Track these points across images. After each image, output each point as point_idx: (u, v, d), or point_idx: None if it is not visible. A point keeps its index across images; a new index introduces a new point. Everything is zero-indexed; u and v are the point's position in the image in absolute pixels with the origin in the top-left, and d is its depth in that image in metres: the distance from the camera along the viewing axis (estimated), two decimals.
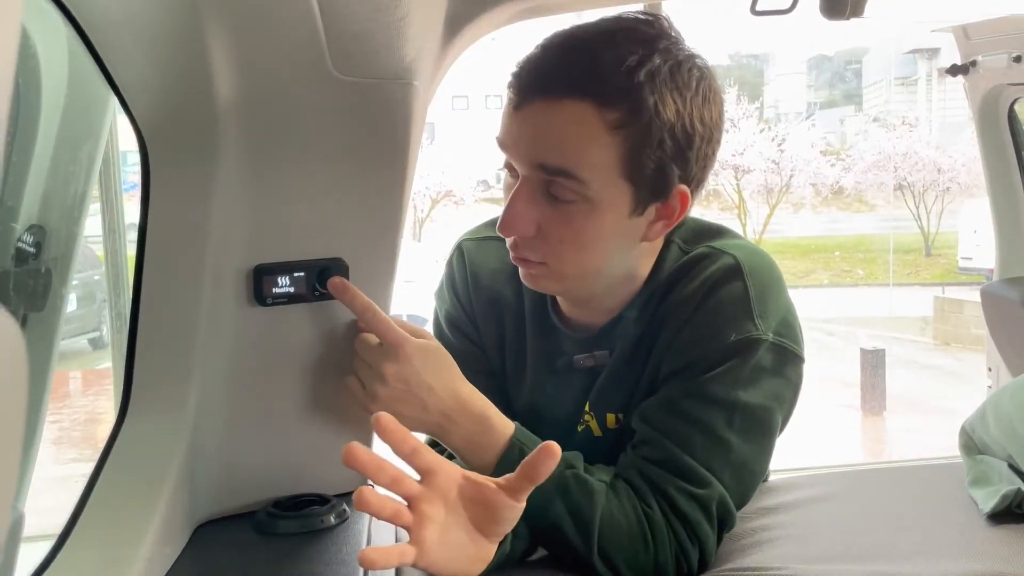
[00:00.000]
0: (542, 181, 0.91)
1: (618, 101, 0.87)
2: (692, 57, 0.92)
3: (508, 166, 0.95)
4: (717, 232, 1.04)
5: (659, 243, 1.02)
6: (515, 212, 0.92)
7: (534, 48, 0.92)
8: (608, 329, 1.03)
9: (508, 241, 0.97)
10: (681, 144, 0.91)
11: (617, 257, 0.97)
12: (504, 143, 0.93)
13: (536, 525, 0.92)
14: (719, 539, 0.97)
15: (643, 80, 0.87)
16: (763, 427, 0.97)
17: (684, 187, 0.94)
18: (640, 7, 0.97)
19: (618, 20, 0.92)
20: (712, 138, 0.94)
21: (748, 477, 0.98)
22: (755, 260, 0.99)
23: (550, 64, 0.90)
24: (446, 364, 0.95)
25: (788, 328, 0.97)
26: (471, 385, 0.96)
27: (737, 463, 0.95)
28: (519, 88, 0.91)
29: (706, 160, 0.95)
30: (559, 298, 1.07)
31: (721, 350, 0.95)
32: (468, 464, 0.96)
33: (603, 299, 1.03)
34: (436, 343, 0.95)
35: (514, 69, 0.92)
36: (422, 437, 0.97)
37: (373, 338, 0.93)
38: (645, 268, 1.02)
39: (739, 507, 0.98)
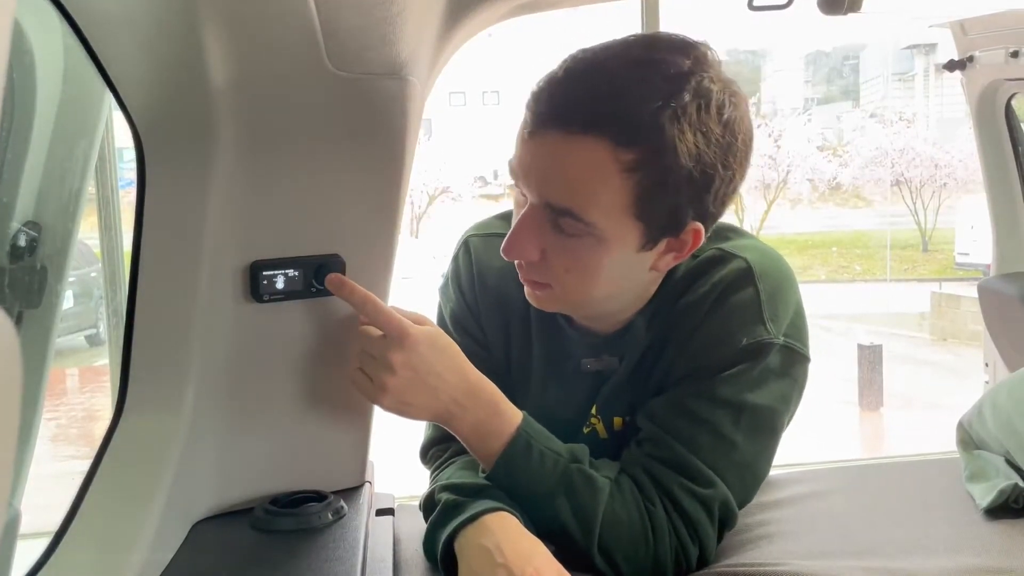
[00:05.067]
0: (550, 214, 0.89)
1: (637, 142, 0.83)
2: (725, 91, 0.86)
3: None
4: (727, 232, 1.03)
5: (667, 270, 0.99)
6: (520, 238, 0.91)
7: (556, 69, 0.87)
8: (618, 335, 1.03)
9: (515, 262, 0.96)
10: (699, 187, 0.87)
11: (623, 285, 0.96)
12: (515, 172, 0.91)
13: (539, 519, 0.92)
14: (719, 538, 0.97)
15: (666, 121, 0.83)
16: (768, 428, 0.97)
17: (698, 224, 0.91)
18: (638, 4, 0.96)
19: (652, 47, 0.87)
20: (733, 179, 0.90)
21: (751, 478, 0.98)
22: (766, 262, 0.98)
23: (571, 94, 0.85)
24: (452, 350, 0.94)
25: (796, 329, 0.97)
26: (479, 372, 0.95)
27: (742, 464, 0.95)
28: (535, 114, 0.87)
29: (724, 199, 0.91)
30: None
31: (732, 354, 0.94)
32: (473, 451, 0.96)
33: (611, 315, 1.02)
34: (439, 330, 0.95)
35: (533, 88, 0.88)
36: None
37: (375, 330, 0.92)
38: (654, 287, 1.00)
39: (741, 507, 0.98)
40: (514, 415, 0.94)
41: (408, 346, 0.90)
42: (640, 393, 1.01)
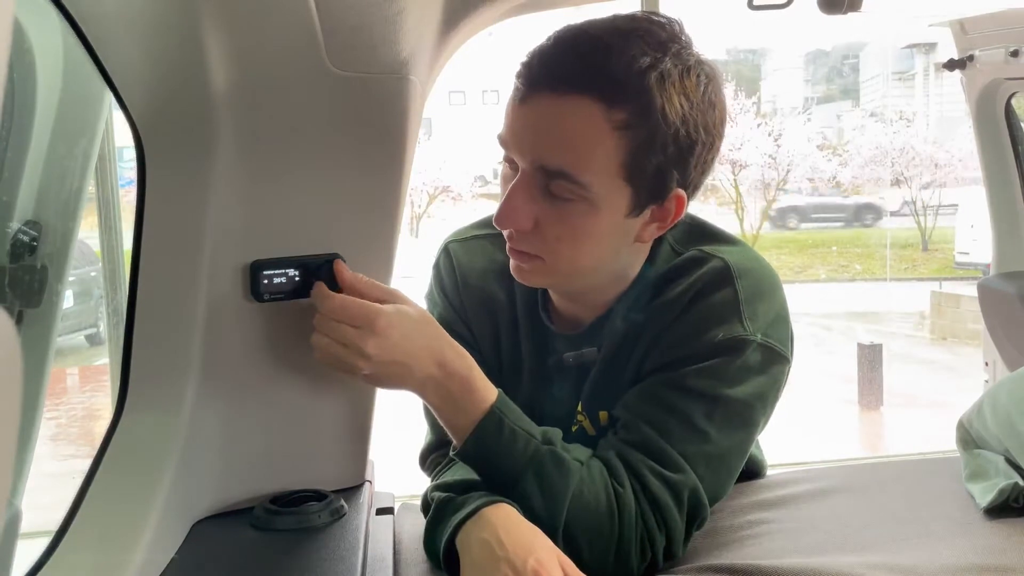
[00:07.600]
0: (542, 179, 0.91)
1: (627, 101, 0.87)
2: (701, 63, 0.92)
3: (508, 159, 0.94)
4: (711, 235, 1.04)
5: (651, 241, 1.01)
6: (513, 206, 0.92)
7: (545, 39, 0.91)
8: (596, 326, 1.04)
9: (504, 233, 0.97)
10: (683, 149, 0.91)
11: (610, 256, 0.98)
12: (506, 140, 0.92)
13: (505, 496, 0.92)
14: (688, 533, 0.96)
15: (653, 83, 0.87)
16: (743, 423, 0.97)
17: (681, 191, 0.94)
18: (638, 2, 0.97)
19: (632, 20, 0.92)
20: (713, 145, 0.94)
21: (723, 471, 0.98)
22: (746, 264, 0.99)
23: (562, 57, 0.89)
24: (424, 325, 0.92)
25: (777, 331, 0.98)
26: (457, 347, 0.94)
27: (713, 455, 0.95)
28: (528, 78, 0.90)
29: (705, 166, 0.95)
30: (550, 292, 1.07)
31: (707, 348, 0.95)
32: (447, 426, 0.95)
33: (593, 295, 1.03)
34: (411, 307, 0.93)
35: (523, 59, 0.91)
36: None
37: (345, 326, 0.88)
38: (636, 266, 1.02)
39: (712, 502, 0.97)
40: (488, 392, 0.94)
41: (379, 331, 0.88)
42: (621, 384, 1.02)
